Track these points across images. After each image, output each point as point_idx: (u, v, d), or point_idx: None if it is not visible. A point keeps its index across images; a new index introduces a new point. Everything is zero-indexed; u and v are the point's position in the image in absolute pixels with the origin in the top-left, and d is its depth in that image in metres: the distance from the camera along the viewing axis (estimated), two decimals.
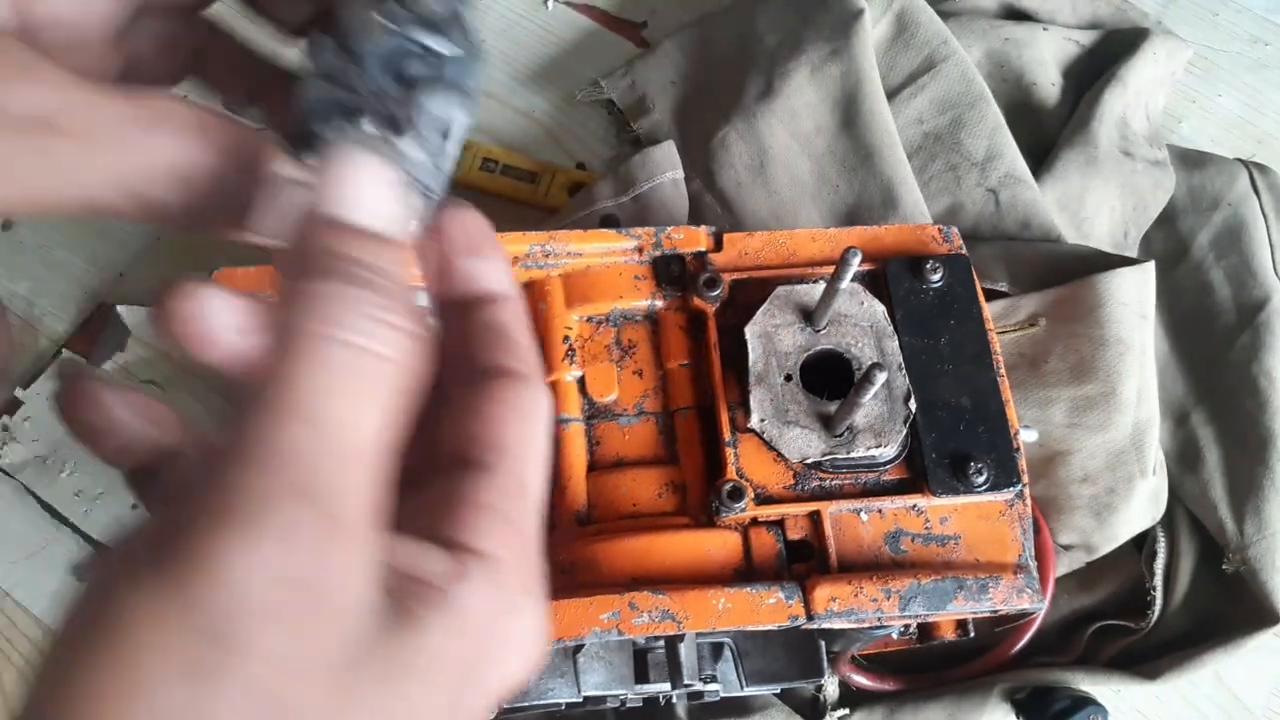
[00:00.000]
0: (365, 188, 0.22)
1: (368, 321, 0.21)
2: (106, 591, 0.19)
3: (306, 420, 0.20)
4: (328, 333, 0.20)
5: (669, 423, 0.49)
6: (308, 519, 0.19)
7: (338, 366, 0.20)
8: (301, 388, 0.20)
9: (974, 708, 0.60)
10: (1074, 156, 0.71)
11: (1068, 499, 0.62)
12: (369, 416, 0.21)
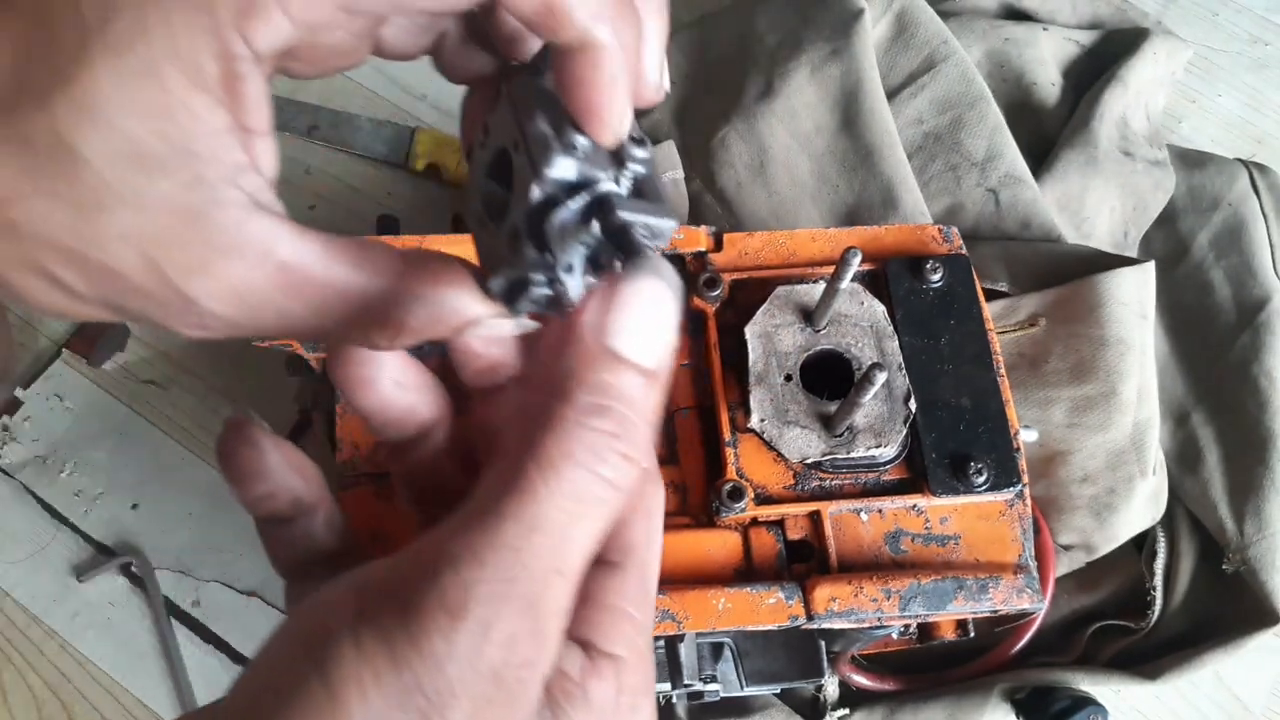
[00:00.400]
0: (651, 324, 0.23)
1: (620, 459, 0.22)
2: (328, 649, 0.20)
3: (548, 540, 0.21)
4: (588, 464, 0.21)
5: (669, 423, 0.49)
6: (526, 627, 0.21)
7: (586, 496, 0.22)
8: (551, 508, 0.21)
9: (974, 708, 0.60)
10: (1074, 156, 0.71)
11: (1068, 499, 0.62)
12: (593, 540, 0.22)
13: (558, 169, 0.24)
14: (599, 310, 0.23)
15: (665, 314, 0.23)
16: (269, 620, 0.68)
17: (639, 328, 0.23)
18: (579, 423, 0.22)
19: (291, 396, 0.71)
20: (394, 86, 0.81)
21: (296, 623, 0.22)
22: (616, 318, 0.22)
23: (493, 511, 0.21)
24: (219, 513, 0.70)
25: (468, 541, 0.21)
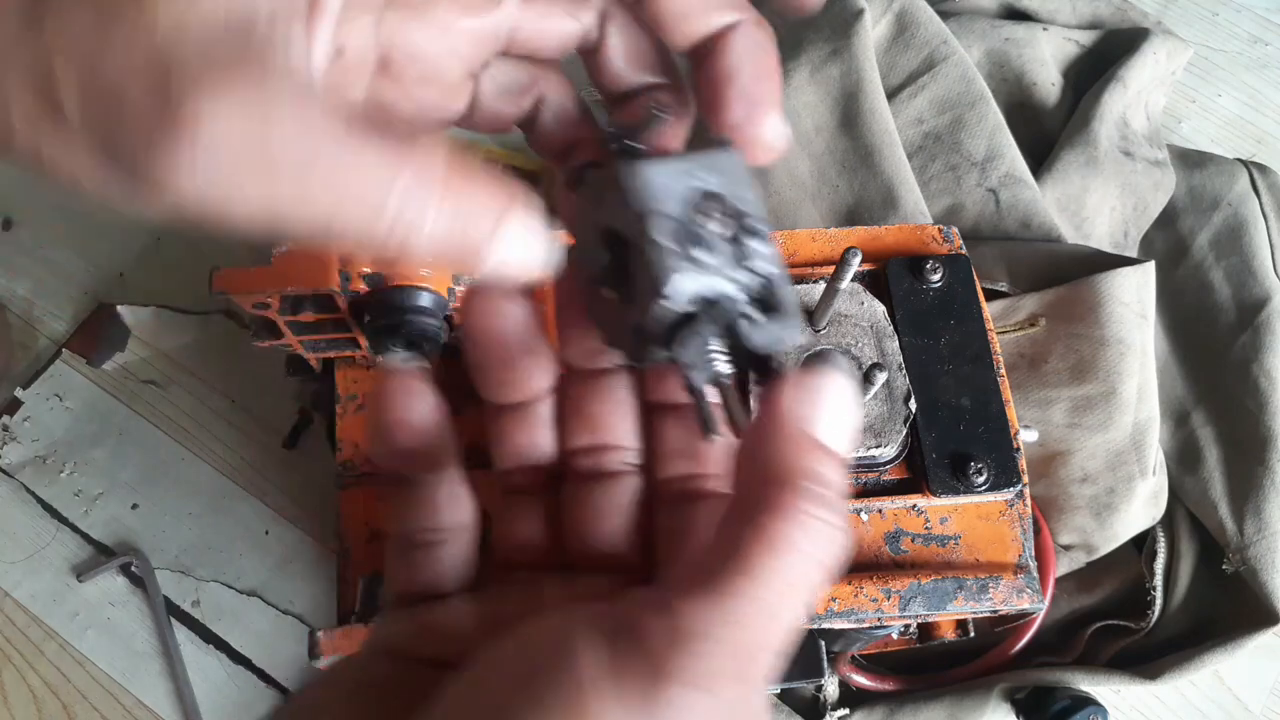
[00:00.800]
0: (843, 415, 0.25)
1: (830, 544, 0.23)
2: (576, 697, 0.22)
3: (770, 620, 0.23)
4: (809, 551, 0.23)
5: None
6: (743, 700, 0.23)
7: (802, 579, 0.23)
8: (773, 590, 0.22)
9: (974, 708, 0.60)
10: (1074, 156, 0.71)
11: (1068, 499, 0.62)
12: (802, 615, 0.23)
13: (679, 285, 0.24)
14: (801, 403, 0.24)
15: (851, 404, 0.25)
16: (269, 620, 0.68)
17: (835, 419, 0.24)
18: (805, 510, 0.23)
19: (291, 396, 0.71)
20: None
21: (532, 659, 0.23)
22: (818, 412, 0.24)
23: (730, 590, 0.22)
24: (219, 513, 0.70)
25: (709, 623, 0.22)
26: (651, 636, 0.22)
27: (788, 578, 0.23)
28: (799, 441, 0.24)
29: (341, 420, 0.59)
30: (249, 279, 0.47)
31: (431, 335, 0.50)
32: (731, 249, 0.25)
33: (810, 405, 0.24)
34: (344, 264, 0.48)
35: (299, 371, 0.60)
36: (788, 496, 0.23)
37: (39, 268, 0.77)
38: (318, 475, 0.70)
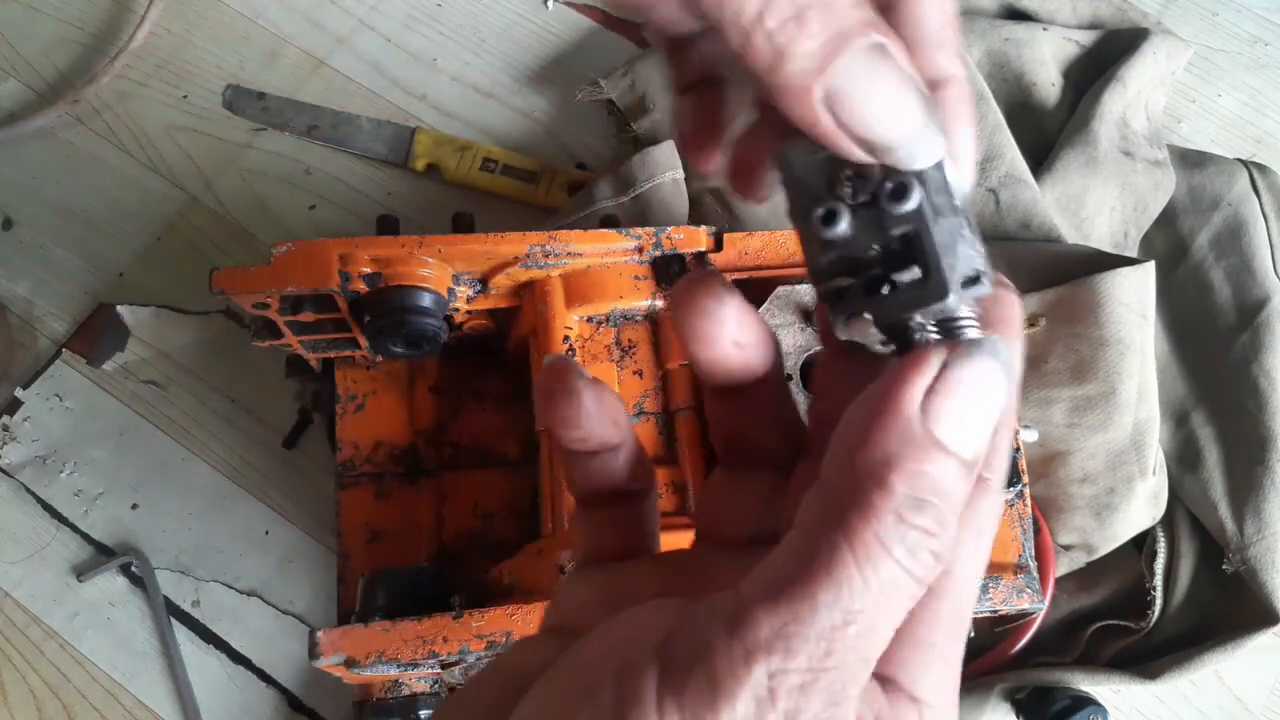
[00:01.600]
0: (982, 415, 0.22)
1: (931, 557, 0.21)
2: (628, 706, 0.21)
3: (858, 633, 0.20)
4: (902, 560, 0.21)
5: (669, 423, 0.49)
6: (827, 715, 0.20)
7: (895, 591, 0.21)
8: (864, 601, 0.20)
9: (974, 707, 0.60)
10: (1074, 156, 0.71)
11: (1068, 499, 0.62)
12: (893, 631, 0.21)
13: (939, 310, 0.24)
14: (925, 391, 0.21)
15: (996, 403, 0.22)
16: (269, 620, 0.68)
17: (969, 417, 0.21)
18: (899, 517, 0.21)
19: (292, 396, 0.71)
20: (394, 87, 0.81)
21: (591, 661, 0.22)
22: (946, 404, 0.21)
23: (803, 595, 0.20)
24: (219, 513, 0.70)
25: (780, 626, 0.20)
26: (715, 652, 0.20)
27: (879, 589, 0.20)
28: (909, 435, 0.21)
29: (341, 420, 0.59)
30: (249, 279, 0.47)
31: (431, 335, 0.50)
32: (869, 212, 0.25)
33: (938, 398, 0.21)
34: (344, 264, 0.48)
35: (299, 372, 0.60)
36: (884, 499, 0.20)
37: (39, 268, 0.77)
38: (318, 475, 0.70)
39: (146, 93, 0.81)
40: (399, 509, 0.57)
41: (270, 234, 0.75)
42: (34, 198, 0.78)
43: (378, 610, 0.49)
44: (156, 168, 0.79)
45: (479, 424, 0.60)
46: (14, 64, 0.82)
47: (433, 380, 0.60)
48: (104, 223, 0.78)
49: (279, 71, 0.82)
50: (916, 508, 0.21)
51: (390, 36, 0.83)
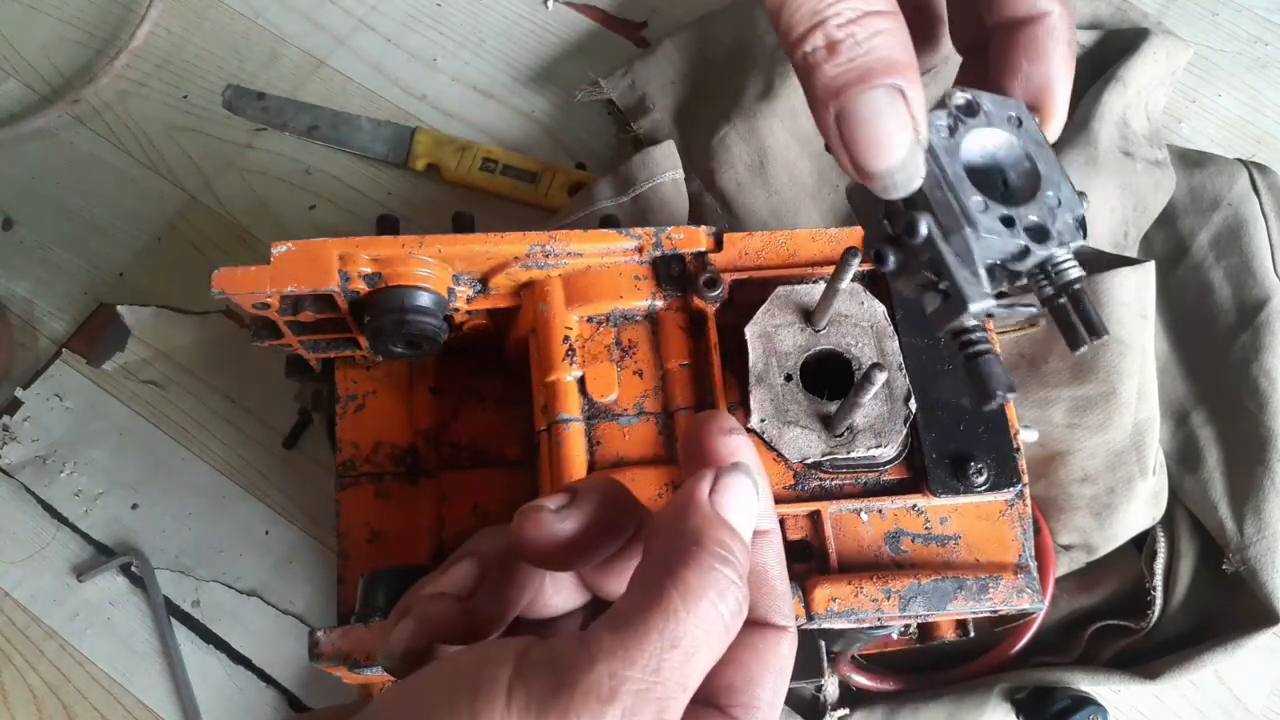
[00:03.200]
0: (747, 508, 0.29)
1: (735, 602, 0.27)
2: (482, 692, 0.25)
3: (681, 656, 0.25)
4: (715, 600, 0.26)
5: (669, 423, 0.49)
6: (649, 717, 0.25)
7: (710, 627, 0.26)
8: (686, 630, 0.26)
9: (974, 708, 0.60)
10: (1074, 157, 0.71)
11: (1068, 499, 0.62)
12: (707, 667, 0.26)
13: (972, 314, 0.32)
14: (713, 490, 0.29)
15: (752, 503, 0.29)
16: (269, 620, 0.68)
17: (742, 512, 0.29)
18: (712, 565, 0.27)
19: (292, 396, 0.71)
20: (394, 87, 0.81)
21: (456, 665, 0.26)
22: (728, 499, 0.29)
23: (641, 624, 0.25)
24: (219, 513, 0.70)
25: (621, 643, 0.25)
26: (563, 658, 0.25)
27: (698, 621, 0.26)
28: (708, 514, 0.28)
29: (341, 420, 0.59)
30: (249, 279, 0.47)
31: (431, 335, 0.50)
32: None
33: (718, 493, 0.28)
34: (344, 264, 0.48)
35: (299, 372, 0.60)
36: (702, 553, 0.27)
37: (39, 268, 0.77)
38: (318, 475, 0.70)
39: (146, 93, 0.81)
40: (399, 509, 0.57)
41: (270, 234, 0.75)
42: (34, 198, 0.78)
43: (377, 610, 0.49)
44: (156, 168, 0.79)
45: (479, 424, 0.60)
46: (14, 64, 0.82)
47: (433, 380, 0.60)
48: (104, 223, 0.78)
49: (279, 71, 0.82)
50: (722, 560, 0.27)
51: (390, 36, 0.83)
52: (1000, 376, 0.33)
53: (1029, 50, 0.33)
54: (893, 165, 0.30)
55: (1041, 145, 0.34)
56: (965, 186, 0.32)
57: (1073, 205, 0.33)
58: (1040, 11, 0.33)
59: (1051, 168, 0.33)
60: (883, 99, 0.29)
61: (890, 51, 0.29)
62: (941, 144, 0.33)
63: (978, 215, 0.31)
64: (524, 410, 0.56)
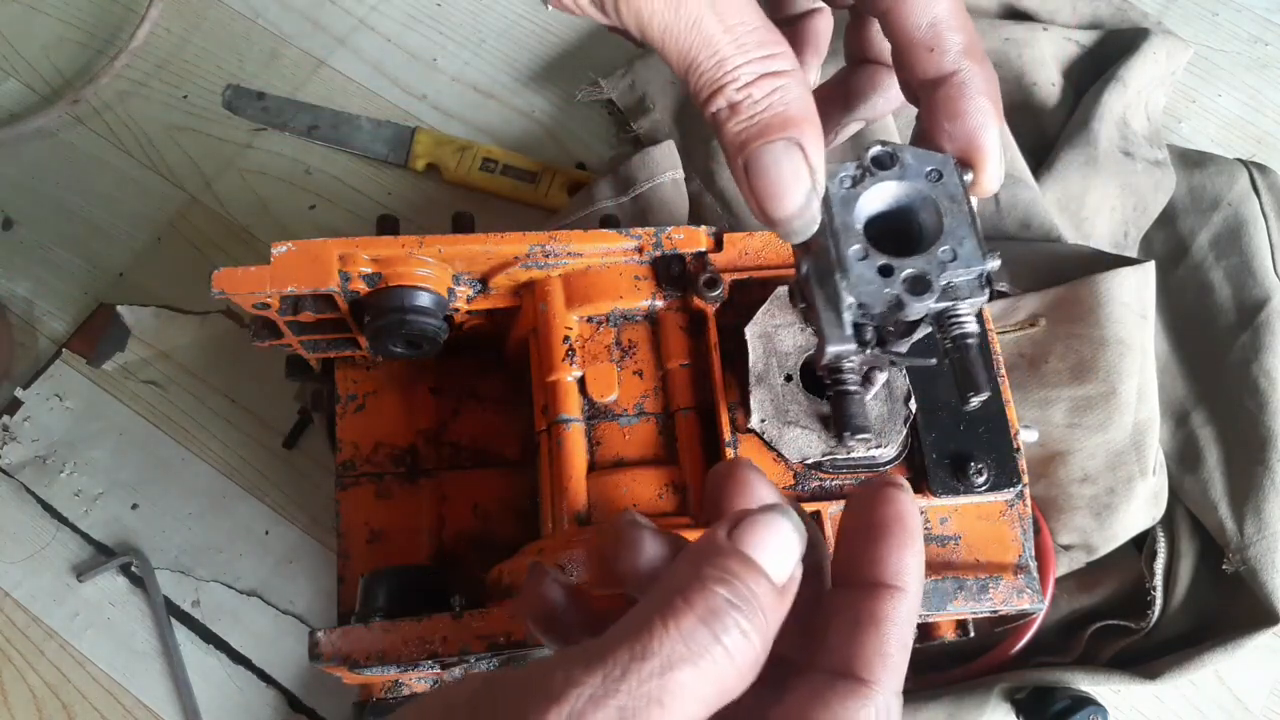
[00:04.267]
0: (786, 554, 0.29)
1: (737, 629, 0.26)
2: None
3: (658, 668, 0.25)
4: (705, 620, 0.26)
5: (669, 423, 0.49)
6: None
7: (698, 647, 0.25)
8: (662, 647, 0.25)
9: (974, 708, 0.60)
10: (1074, 156, 0.71)
11: (1068, 499, 0.62)
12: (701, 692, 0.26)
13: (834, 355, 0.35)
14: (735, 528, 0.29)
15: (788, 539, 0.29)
16: (269, 620, 0.68)
17: (769, 545, 0.28)
18: (703, 584, 0.26)
19: (292, 396, 0.71)
20: (394, 87, 0.81)
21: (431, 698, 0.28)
22: (749, 534, 0.28)
23: (612, 638, 0.26)
24: (219, 512, 0.70)
25: (583, 652, 0.25)
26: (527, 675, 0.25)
27: (680, 637, 0.25)
28: (724, 549, 0.28)
29: (341, 420, 0.59)
30: (249, 279, 0.47)
31: (431, 335, 0.50)
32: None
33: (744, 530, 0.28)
34: (344, 264, 0.48)
35: (299, 372, 0.60)
36: (700, 582, 0.26)
37: (39, 268, 0.77)
38: (318, 475, 0.70)
39: (146, 93, 0.81)
40: (399, 509, 0.57)
41: (270, 234, 0.75)
42: (34, 198, 0.78)
43: (377, 610, 0.49)
44: (156, 168, 0.79)
45: (479, 424, 0.60)
46: (14, 64, 0.82)
47: (433, 380, 0.60)
48: (104, 223, 0.78)
49: (279, 71, 0.82)
50: (721, 582, 0.26)
51: (390, 36, 0.83)
52: (855, 419, 0.35)
53: (946, 109, 0.35)
54: (791, 213, 0.33)
55: (957, 201, 0.35)
56: (849, 235, 0.34)
57: (972, 262, 0.34)
58: (948, 71, 0.34)
59: (959, 223, 0.34)
60: (780, 152, 0.32)
61: (786, 109, 0.32)
62: (839, 194, 0.34)
63: (852, 263, 0.33)
64: (524, 410, 0.56)
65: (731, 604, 0.26)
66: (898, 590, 0.29)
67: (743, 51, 0.32)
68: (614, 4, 0.31)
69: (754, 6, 0.32)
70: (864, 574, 0.30)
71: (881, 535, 0.30)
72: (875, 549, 0.30)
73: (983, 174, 0.36)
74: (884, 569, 0.30)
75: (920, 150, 0.35)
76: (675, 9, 0.31)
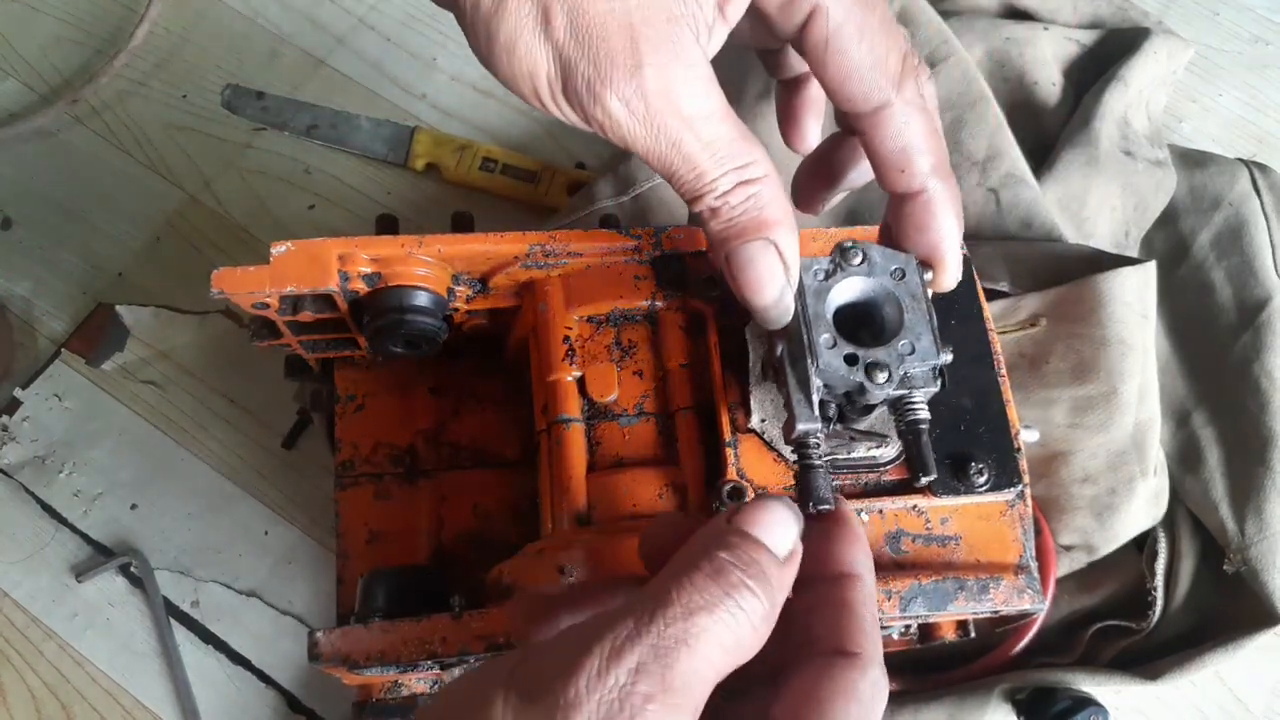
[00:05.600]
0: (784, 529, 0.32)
1: (747, 589, 0.29)
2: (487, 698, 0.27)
3: (681, 613, 0.28)
4: (716, 579, 0.29)
5: (669, 423, 0.49)
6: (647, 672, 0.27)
7: (711, 595, 0.29)
8: (699, 623, 0.28)
9: (975, 708, 0.60)
10: (1075, 156, 0.71)
11: (1069, 499, 0.62)
12: (718, 650, 0.28)
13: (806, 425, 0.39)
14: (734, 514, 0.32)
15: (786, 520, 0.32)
16: (268, 620, 0.68)
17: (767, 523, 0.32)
18: (708, 552, 0.30)
19: (291, 396, 0.71)
20: (394, 86, 0.81)
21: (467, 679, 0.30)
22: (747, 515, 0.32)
23: (633, 599, 0.28)
24: (218, 513, 0.70)
25: (611, 613, 0.28)
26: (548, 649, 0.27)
27: (692, 586, 0.28)
28: (722, 529, 0.31)
29: (341, 420, 0.59)
30: (248, 279, 0.47)
31: (431, 335, 0.50)
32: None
33: (742, 513, 0.31)
34: (343, 264, 0.48)
35: (298, 372, 0.60)
36: (704, 552, 0.30)
37: (39, 268, 0.77)
38: (317, 475, 0.70)
39: (146, 92, 0.81)
40: (398, 509, 0.57)
41: (270, 234, 0.75)
42: (34, 198, 0.78)
43: (377, 611, 0.49)
44: (156, 168, 0.79)
45: (478, 424, 0.59)
46: (14, 64, 0.82)
47: (432, 380, 0.60)
48: (103, 222, 0.78)
49: (278, 71, 0.82)
50: (728, 547, 0.30)
51: (390, 36, 0.83)
52: (819, 490, 0.38)
53: (913, 220, 0.40)
54: (768, 303, 0.38)
55: (917, 298, 0.39)
56: (820, 324, 0.38)
57: (928, 356, 0.38)
58: (917, 189, 0.39)
59: (918, 319, 0.39)
60: (757, 250, 0.36)
61: (761, 213, 0.36)
62: (812, 285, 0.39)
63: (821, 350, 0.38)
64: (524, 410, 0.56)
65: (734, 564, 0.29)
66: (859, 578, 0.34)
67: (719, 164, 0.35)
68: (599, 124, 0.34)
69: (729, 119, 0.35)
70: (828, 569, 0.34)
71: (834, 537, 0.35)
72: (831, 548, 0.34)
73: (942, 275, 0.41)
74: (843, 562, 0.34)
75: (886, 249, 0.40)
76: (655, 134, 0.34)
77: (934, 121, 0.39)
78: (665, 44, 0.33)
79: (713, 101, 0.34)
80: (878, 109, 0.38)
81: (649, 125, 0.34)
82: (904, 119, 0.38)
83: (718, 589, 0.28)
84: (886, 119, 0.38)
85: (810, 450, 0.40)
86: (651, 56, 0.33)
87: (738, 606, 0.29)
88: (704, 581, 0.29)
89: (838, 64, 0.37)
